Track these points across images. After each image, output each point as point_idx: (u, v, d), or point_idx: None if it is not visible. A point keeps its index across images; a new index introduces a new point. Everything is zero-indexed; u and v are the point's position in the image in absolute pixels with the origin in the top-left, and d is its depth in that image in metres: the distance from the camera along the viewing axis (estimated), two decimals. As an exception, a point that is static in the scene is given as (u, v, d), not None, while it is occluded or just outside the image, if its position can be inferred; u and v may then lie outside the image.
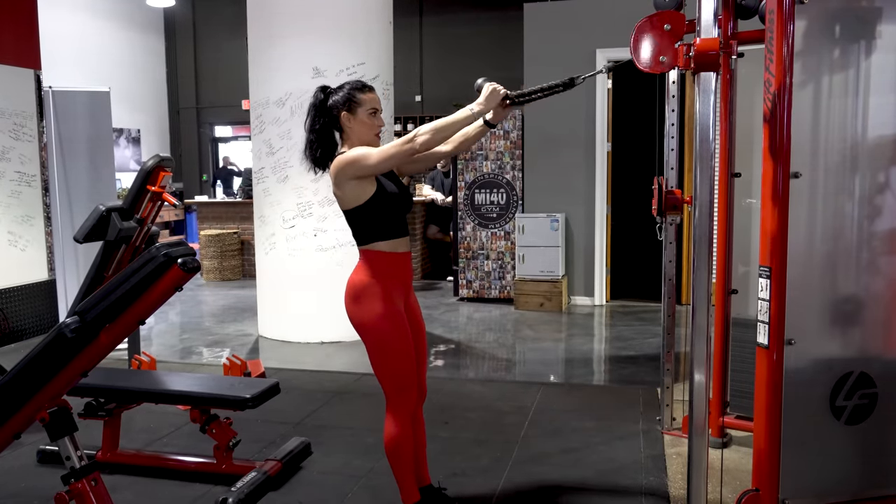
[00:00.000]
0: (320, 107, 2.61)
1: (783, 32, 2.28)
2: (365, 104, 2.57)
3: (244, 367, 4.35)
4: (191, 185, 13.04)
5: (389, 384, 2.59)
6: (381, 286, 2.55)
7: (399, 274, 2.61)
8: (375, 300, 2.53)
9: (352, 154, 2.49)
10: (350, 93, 2.58)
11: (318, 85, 2.66)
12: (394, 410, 2.60)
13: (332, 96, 2.60)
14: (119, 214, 3.39)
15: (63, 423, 2.42)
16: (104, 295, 2.22)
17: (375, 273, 2.55)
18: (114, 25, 11.76)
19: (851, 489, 2.47)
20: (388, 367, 2.57)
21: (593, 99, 7.02)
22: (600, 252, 7.19)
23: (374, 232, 2.56)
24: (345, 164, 2.49)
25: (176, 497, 3.12)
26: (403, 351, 2.56)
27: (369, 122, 2.58)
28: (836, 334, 2.43)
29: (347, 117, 2.57)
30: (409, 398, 2.61)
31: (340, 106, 2.58)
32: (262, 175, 5.98)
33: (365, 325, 2.56)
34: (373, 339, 2.57)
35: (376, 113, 2.60)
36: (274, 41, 5.80)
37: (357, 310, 2.57)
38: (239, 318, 6.99)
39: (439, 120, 2.44)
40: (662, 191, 3.43)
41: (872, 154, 2.39)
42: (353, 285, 2.59)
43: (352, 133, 2.59)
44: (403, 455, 2.63)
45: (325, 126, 2.61)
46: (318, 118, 2.62)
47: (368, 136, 2.59)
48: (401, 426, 2.59)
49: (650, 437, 3.70)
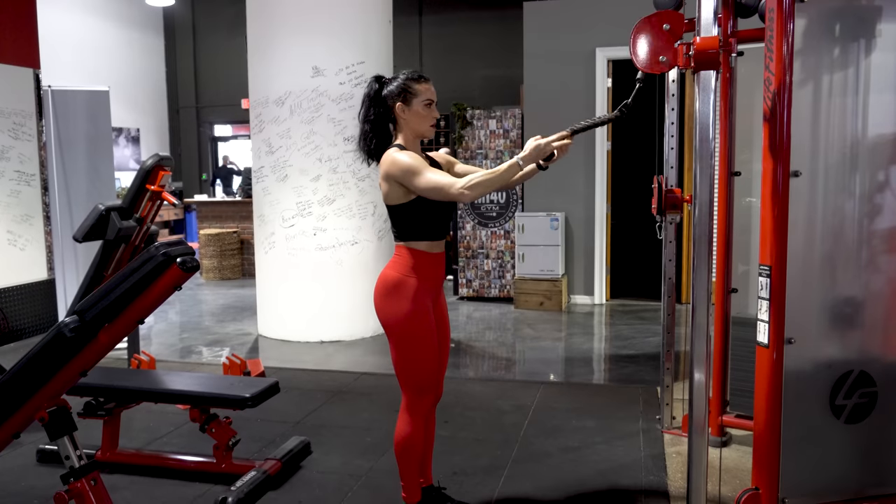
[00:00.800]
0: (375, 97, 2.57)
1: (783, 31, 2.28)
2: (420, 95, 2.53)
3: (244, 367, 4.35)
4: (190, 185, 13.03)
5: (409, 384, 2.57)
6: (414, 285, 2.52)
7: (433, 275, 2.59)
8: (407, 298, 2.51)
9: (405, 162, 2.44)
10: (405, 83, 2.53)
11: (373, 76, 2.60)
12: (410, 410, 2.58)
13: (387, 86, 2.56)
14: (118, 214, 3.39)
15: (62, 423, 2.42)
16: (103, 294, 2.22)
17: (411, 271, 2.53)
18: (113, 24, 11.75)
19: (851, 488, 2.47)
20: (410, 367, 2.54)
21: (593, 98, 7.02)
22: (600, 251, 7.19)
23: (415, 230, 2.54)
24: (396, 167, 2.45)
25: (175, 496, 3.12)
26: (428, 353, 2.54)
27: (424, 114, 2.54)
28: (835, 333, 2.43)
29: (402, 108, 2.53)
30: (427, 400, 2.59)
31: (395, 96, 2.53)
32: (261, 174, 5.98)
33: (392, 322, 2.53)
34: (398, 338, 2.54)
35: (432, 104, 2.55)
36: (273, 40, 5.80)
37: (387, 305, 2.53)
38: (238, 317, 6.99)
39: (488, 175, 2.39)
40: (662, 190, 3.42)
41: (872, 153, 2.39)
42: (386, 280, 2.55)
43: (406, 124, 2.55)
44: (413, 455, 2.62)
45: (379, 116, 2.57)
46: (373, 108, 2.57)
47: (423, 127, 2.56)
48: (414, 426, 2.58)
49: (650, 436, 3.70)
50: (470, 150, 7.46)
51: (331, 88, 5.69)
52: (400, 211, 2.53)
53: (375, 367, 5.23)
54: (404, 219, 2.54)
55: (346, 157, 5.77)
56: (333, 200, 5.78)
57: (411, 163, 2.43)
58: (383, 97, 2.56)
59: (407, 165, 2.43)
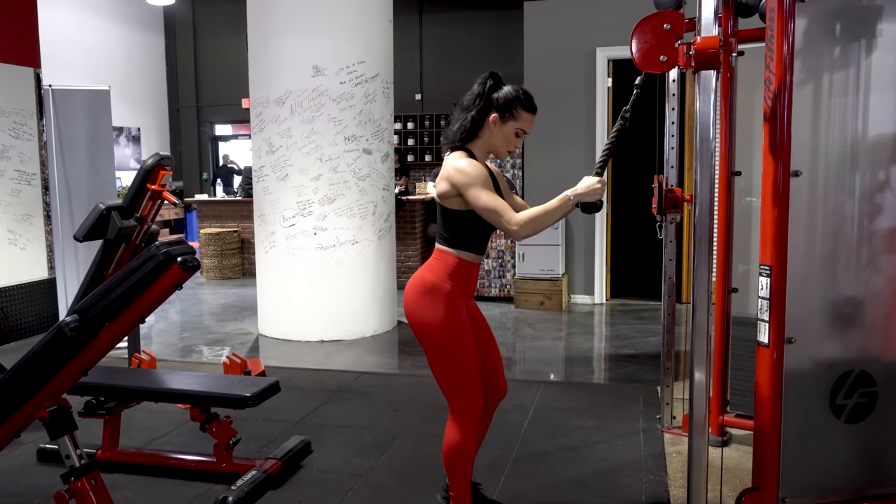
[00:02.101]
0: (487, 95, 2.46)
1: (783, 31, 2.28)
2: (519, 121, 2.47)
3: (244, 366, 4.35)
4: (191, 184, 13.04)
5: (451, 389, 2.49)
6: (453, 292, 2.46)
7: (470, 284, 2.55)
8: (443, 305, 2.44)
9: (471, 173, 2.38)
10: (514, 101, 2.45)
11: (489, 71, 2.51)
12: (458, 417, 2.48)
13: (498, 91, 2.47)
14: (119, 213, 3.39)
15: (63, 422, 2.42)
16: (104, 293, 2.22)
17: (452, 278, 2.46)
18: (114, 24, 11.76)
19: (851, 487, 2.47)
20: (450, 373, 2.48)
21: (593, 97, 7.02)
22: (600, 250, 7.19)
23: (465, 240, 2.47)
24: (460, 175, 2.39)
25: (176, 496, 3.12)
26: (466, 357, 2.46)
27: (510, 139, 2.48)
28: (836, 333, 2.43)
29: (496, 120, 2.46)
30: (474, 404, 2.48)
31: (497, 106, 2.45)
32: (262, 173, 5.98)
33: (427, 327, 2.46)
34: (434, 343, 2.47)
35: (522, 135, 2.50)
36: (274, 40, 5.80)
37: (422, 309, 2.46)
38: (239, 316, 6.99)
39: (540, 212, 2.37)
40: (662, 189, 3.42)
41: (872, 152, 2.39)
42: (424, 283, 2.48)
43: (488, 136, 2.48)
44: (463, 464, 2.52)
45: (480, 112, 2.47)
46: (478, 102, 2.47)
47: (501, 149, 2.51)
48: (464, 433, 2.48)
49: (650, 436, 3.70)
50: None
51: (331, 88, 5.69)
52: (455, 217, 2.46)
53: (376, 366, 5.23)
54: (457, 226, 2.47)
55: (347, 156, 5.77)
56: (334, 200, 5.78)
57: (476, 176, 2.37)
58: (490, 98, 2.46)
59: (472, 178, 2.37)
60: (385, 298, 6.18)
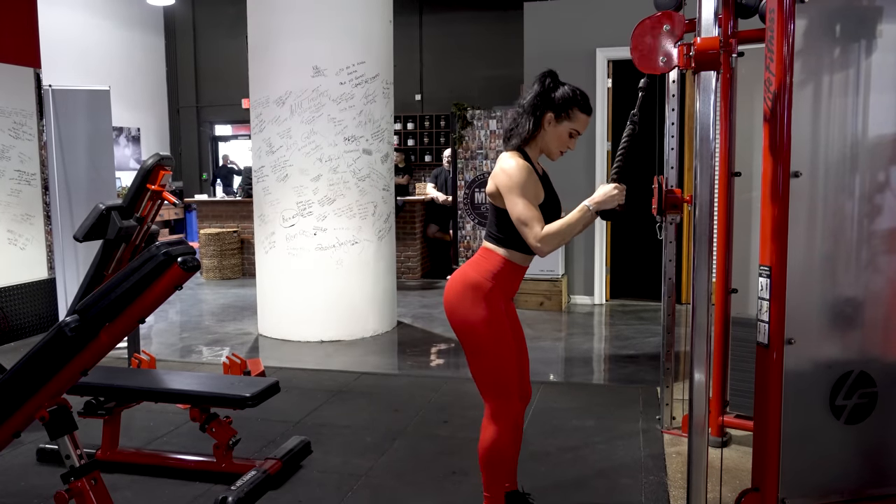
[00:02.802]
0: (546, 94, 2.45)
1: (783, 31, 2.28)
2: (574, 122, 2.46)
3: (244, 366, 4.34)
4: (191, 184, 13.04)
5: (491, 391, 2.49)
6: (496, 292, 2.46)
7: (513, 286, 2.54)
8: (487, 304, 2.43)
9: (517, 179, 2.37)
10: (570, 101, 2.44)
11: (546, 69, 2.50)
12: (496, 417, 2.49)
13: (556, 91, 2.46)
14: (119, 213, 3.39)
15: (63, 422, 2.42)
16: (104, 293, 2.22)
17: (497, 277, 2.46)
18: (114, 24, 11.75)
19: (851, 488, 2.47)
20: (490, 373, 2.48)
21: (593, 98, 7.02)
22: (600, 251, 7.19)
23: (516, 240, 2.44)
24: (506, 177, 2.39)
25: (176, 496, 3.12)
26: (506, 357, 2.47)
27: (563, 140, 2.47)
28: (836, 333, 2.43)
29: (551, 120, 2.45)
30: (513, 405, 2.50)
31: (554, 106, 2.44)
32: (261, 174, 5.98)
33: (469, 326, 2.46)
34: (476, 342, 2.47)
35: (576, 136, 2.48)
36: (274, 40, 5.80)
37: (465, 307, 2.45)
38: (238, 316, 6.99)
39: (561, 226, 2.35)
40: (662, 190, 3.43)
41: (872, 153, 2.39)
42: (469, 281, 2.47)
43: (542, 136, 2.47)
44: (500, 464, 2.53)
45: (539, 111, 2.46)
46: (540, 102, 2.45)
47: (554, 149, 2.49)
48: (501, 434, 2.48)
49: (650, 436, 3.70)
50: (470, 150, 7.46)
51: (331, 88, 5.69)
52: (506, 217, 2.43)
53: (375, 366, 5.23)
54: (509, 225, 2.44)
55: (347, 156, 5.77)
56: (334, 200, 5.78)
57: (519, 181, 2.36)
58: (549, 98, 2.46)
59: (514, 182, 2.36)
60: (385, 299, 6.18)
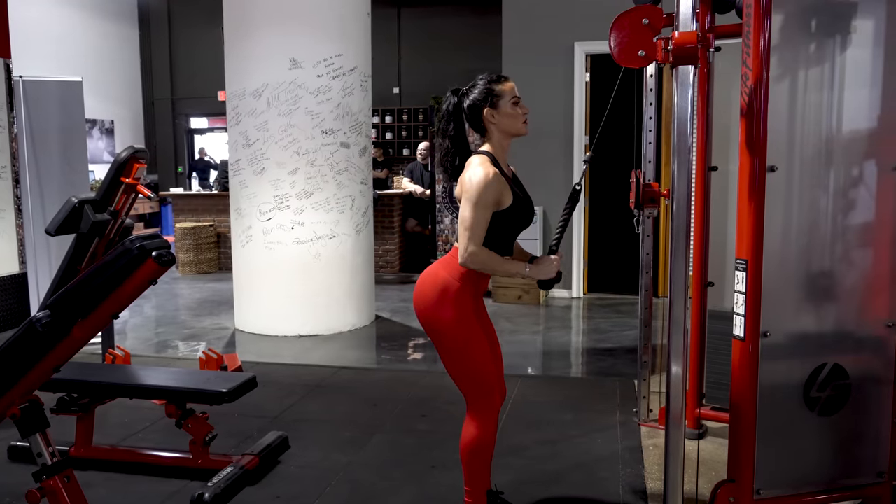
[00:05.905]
0: (455, 111, 2.51)
1: (760, 27, 2.29)
2: (505, 95, 2.46)
3: (220, 361, 4.31)
4: (166, 177, 12.89)
5: (470, 387, 2.51)
6: (469, 292, 2.48)
7: (484, 283, 2.57)
8: (458, 305, 2.46)
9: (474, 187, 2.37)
10: (488, 87, 2.46)
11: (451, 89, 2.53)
12: (477, 413, 2.52)
13: (468, 97, 2.49)
14: (92, 206, 3.34)
15: (34, 419, 2.38)
16: (77, 289, 2.18)
17: (469, 279, 2.47)
18: (87, 14, 11.57)
19: (825, 479, 2.50)
20: (466, 371, 2.50)
21: (571, 92, 7.03)
22: (578, 245, 7.21)
23: (488, 240, 2.44)
24: (467, 184, 2.40)
25: (151, 493, 3.09)
26: (478, 353, 2.49)
27: (514, 112, 2.47)
28: (810, 327, 2.46)
29: (491, 113, 2.46)
30: (493, 399, 2.53)
31: (481, 103, 2.46)
32: (238, 167, 5.92)
33: (442, 327, 2.48)
34: (450, 343, 2.49)
35: (519, 101, 2.48)
36: (250, 31, 5.74)
37: (438, 308, 2.47)
38: (215, 311, 6.93)
39: (492, 261, 2.41)
40: (640, 184, 3.44)
41: (847, 148, 2.42)
42: (441, 282, 2.48)
43: (497, 128, 2.49)
44: (481, 459, 2.55)
45: (458, 131, 2.52)
46: (453, 122, 2.51)
47: (517, 125, 2.49)
48: (483, 429, 2.51)
49: (627, 429, 3.73)
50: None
51: (309, 81, 5.65)
52: None
53: (354, 361, 5.21)
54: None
55: (324, 150, 5.73)
56: (311, 194, 5.74)
57: (477, 191, 2.37)
58: (468, 107, 2.49)
59: (473, 191, 2.37)
60: (363, 293, 6.16)
